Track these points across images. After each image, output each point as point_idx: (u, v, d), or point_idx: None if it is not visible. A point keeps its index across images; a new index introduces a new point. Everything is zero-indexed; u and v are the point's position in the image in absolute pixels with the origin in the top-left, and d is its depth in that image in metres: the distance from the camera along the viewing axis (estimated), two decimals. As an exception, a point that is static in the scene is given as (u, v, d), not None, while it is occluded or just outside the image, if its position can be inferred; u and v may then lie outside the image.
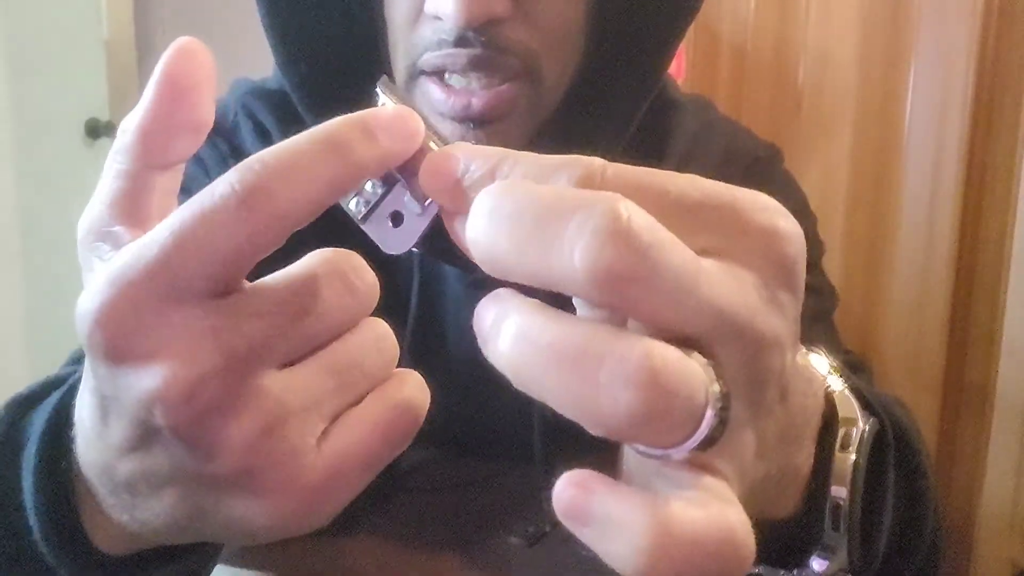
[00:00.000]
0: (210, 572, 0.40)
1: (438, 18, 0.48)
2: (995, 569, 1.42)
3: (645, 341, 0.20)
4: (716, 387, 0.21)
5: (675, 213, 0.22)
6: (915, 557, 0.38)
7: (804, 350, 0.31)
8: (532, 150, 0.24)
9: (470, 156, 0.24)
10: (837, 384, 0.33)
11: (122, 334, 0.23)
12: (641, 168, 0.23)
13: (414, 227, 0.27)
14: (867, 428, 0.32)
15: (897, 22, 1.42)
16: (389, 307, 0.28)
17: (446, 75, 0.49)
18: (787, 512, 0.31)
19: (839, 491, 0.31)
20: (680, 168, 0.25)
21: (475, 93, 0.48)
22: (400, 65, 0.52)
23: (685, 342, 0.21)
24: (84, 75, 2.03)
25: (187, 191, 0.74)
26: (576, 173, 0.22)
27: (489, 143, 0.51)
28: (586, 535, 0.20)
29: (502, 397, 0.62)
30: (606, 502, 0.20)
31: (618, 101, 0.55)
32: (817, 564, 0.32)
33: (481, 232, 0.21)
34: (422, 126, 0.26)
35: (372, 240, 0.27)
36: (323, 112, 0.56)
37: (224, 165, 0.60)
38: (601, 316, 0.24)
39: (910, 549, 0.37)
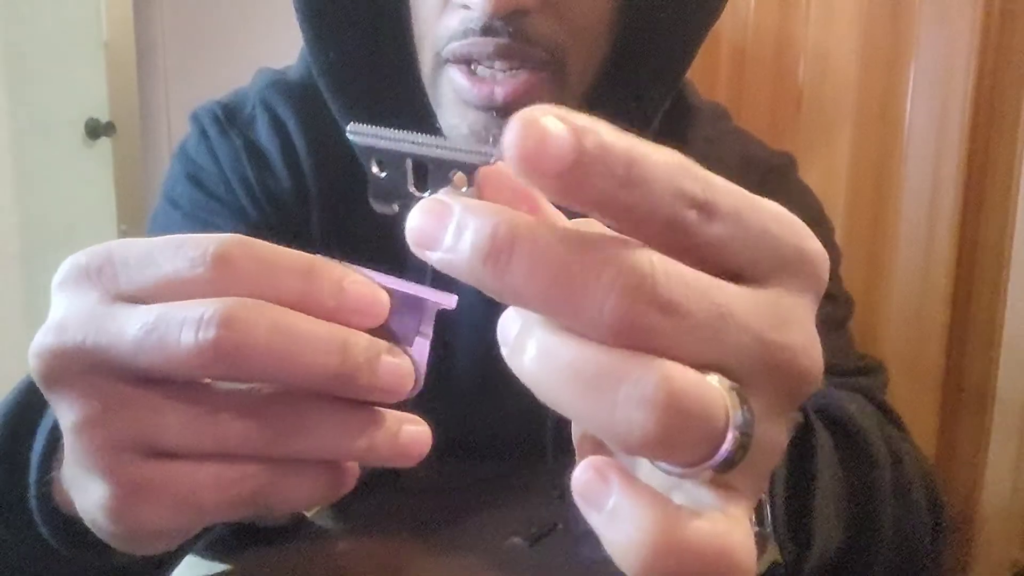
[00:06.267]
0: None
1: (466, 7, 0.48)
2: (995, 569, 1.42)
3: (663, 363, 0.20)
4: (739, 412, 0.21)
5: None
6: (879, 546, 0.38)
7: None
8: None
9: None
10: None
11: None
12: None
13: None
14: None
15: (897, 22, 1.42)
16: None
17: (472, 65, 0.49)
18: None
19: None
20: None
21: (499, 82, 0.48)
22: (427, 55, 0.52)
23: (721, 371, 0.21)
24: (84, 76, 2.03)
25: (195, 180, 0.72)
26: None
27: None
28: (595, 520, 0.21)
29: (513, 400, 0.62)
30: (621, 493, 0.21)
31: (643, 95, 0.55)
32: None
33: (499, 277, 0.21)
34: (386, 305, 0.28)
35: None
36: (349, 100, 0.56)
37: (236, 159, 0.60)
38: None
39: (870, 538, 0.38)
